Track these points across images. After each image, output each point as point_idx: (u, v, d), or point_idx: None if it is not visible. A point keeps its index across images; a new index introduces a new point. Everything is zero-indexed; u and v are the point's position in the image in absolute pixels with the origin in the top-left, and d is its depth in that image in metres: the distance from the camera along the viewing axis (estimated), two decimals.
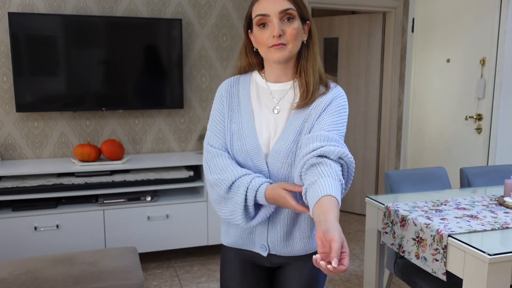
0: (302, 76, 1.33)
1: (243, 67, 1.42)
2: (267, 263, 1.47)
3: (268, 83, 1.38)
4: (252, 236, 1.42)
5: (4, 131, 3.32)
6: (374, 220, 2.31)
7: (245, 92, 1.39)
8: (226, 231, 1.49)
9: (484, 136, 3.41)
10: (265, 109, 1.36)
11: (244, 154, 1.34)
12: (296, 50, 1.31)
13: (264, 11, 1.26)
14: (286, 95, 1.35)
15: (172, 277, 3.16)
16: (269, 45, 1.28)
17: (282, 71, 1.35)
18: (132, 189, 3.15)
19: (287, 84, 1.36)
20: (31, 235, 2.96)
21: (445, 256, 1.82)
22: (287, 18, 1.27)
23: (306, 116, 1.32)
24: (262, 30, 1.28)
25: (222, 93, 1.40)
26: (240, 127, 1.35)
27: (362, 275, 3.20)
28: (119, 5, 3.45)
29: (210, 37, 3.71)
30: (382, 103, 4.39)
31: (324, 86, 1.35)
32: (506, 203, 2.18)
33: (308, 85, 1.31)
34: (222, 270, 1.52)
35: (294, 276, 1.45)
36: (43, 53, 3.19)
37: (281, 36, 1.26)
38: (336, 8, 4.04)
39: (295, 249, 1.42)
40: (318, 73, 1.33)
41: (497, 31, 3.25)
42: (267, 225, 1.39)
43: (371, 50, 4.37)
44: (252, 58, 1.40)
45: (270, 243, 1.40)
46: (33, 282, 2.06)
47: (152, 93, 3.48)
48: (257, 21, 1.28)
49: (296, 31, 1.27)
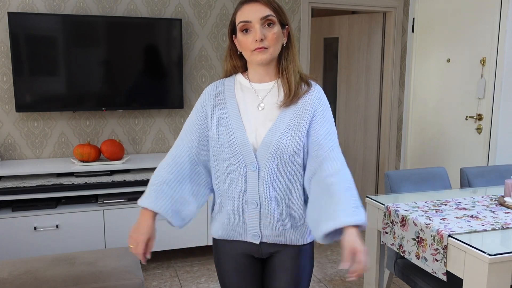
0: (284, 76, 1.45)
1: (229, 70, 1.54)
2: (257, 254, 1.53)
3: (252, 83, 1.49)
4: (244, 227, 1.48)
5: (4, 131, 3.32)
6: (374, 220, 2.31)
7: (231, 92, 1.49)
8: (217, 224, 1.54)
9: (484, 136, 3.41)
10: (250, 106, 1.46)
11: (234, 148, 1.42)
12: (277, 53, 1.43)
13: (247, 18, 1.38)
14: (270, 93, 1.47)
15: (172, 277, 3.16)
16: (252, 49, 1.39)
17: (265, 72, 1.46)
18: (132, 189, 3.14)
19: (270, 83, 1.47)
20: (31, 235, 2.96)
21: (445, 256, 1.82)
22: (268, 24, 1.39)
23: (296, 112, 1.43)
24: (246, 35, 1.40)
25: (206, 96, 1.51)
26: (228, 122, 1.44)
27: (362, 275, 3.20)
28: (119, 5, 3.45)
29: (210, 37, 3.71)
30: (382, 103, 4.38)
31: (306, 84, 1.48)
32: (506, 203, 2.18)
33: (290, 83, 1.43)
34: (217, 265, 1.59)
35: (283, 263, 1.52)
36: (43, 53, 3.19)
37: (262, 40, 1.38)
38: (336, 8, 4.04)
39: (286, 236, 1.49)
40: (298, 72, 1.46)
41: (497, 31, 3.25)
42: (258, 212, 1.45)
43: (371, 50, 4.37)
44: (236, 60, 1.51)
45: (263, 230, 1.47)
46: (33, 282, 2.06)
47: (152, 93, 3.48)
48: (241, 27, 1.40)
49: (276, 35, 1.39)
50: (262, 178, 1.42)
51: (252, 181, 1.43)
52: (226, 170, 1.46)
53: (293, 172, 1.43)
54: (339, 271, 3.27)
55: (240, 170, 1.43)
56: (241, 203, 1.46)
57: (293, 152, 1.41)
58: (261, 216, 1.45)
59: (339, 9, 4.08)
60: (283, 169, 1.42)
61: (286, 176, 1.43)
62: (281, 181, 1.43)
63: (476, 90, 3.43)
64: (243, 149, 1.42)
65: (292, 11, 3.89)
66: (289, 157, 1.41)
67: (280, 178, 1.43)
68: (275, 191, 1.44)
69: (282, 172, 1.42)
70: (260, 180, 1.42)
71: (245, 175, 1.43)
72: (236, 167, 1.44)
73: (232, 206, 1.47)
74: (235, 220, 1.48)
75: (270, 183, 1.42)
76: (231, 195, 1.47)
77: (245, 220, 1.47)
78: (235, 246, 1.53)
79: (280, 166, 1.41)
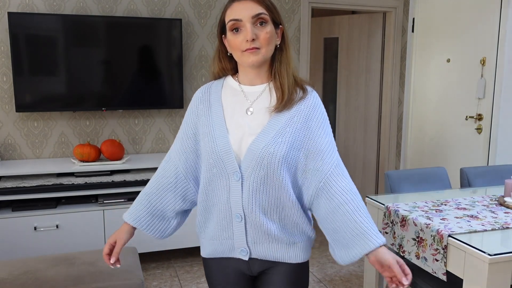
0: (276, 79, 1.34)
1: (217, 72, 1.43)
2: (248, 271, 1.43)
3: (241, 85, 1.39)
4: (231, 242, 1.39)
5: (4, 131, 3.32)
6: (374, 220, 2.31)
7: (217, 96, 1.39)
8: (204, 242, 1.47)
9: (484, 136, 3.41)
10: (238, 111, 1.36)
11: (215, 155, 1.32)
12: (269, 54, 1.32)
13: (237, 16, 1.28)
14: (260, 97, 1.36)
15: (172, 277, 3.16)
16: (242, 49, 1.29)
17: (256, 75, 1.36)
18: (132, 189, 3.14)
19: (261, 86, 1.37)
20: (31, 235, 2.96)
21: (445, 256, 1.82)
22: (260, 23, 1.28)
23: (288, 120, 1.32)
24: (236, 35, 1.29)
25: (193, 102, 1.43)
26: (210, 128, 1.35)
27: (362, 275, 3.20)
28: (119, 5, 3.45)
29: (210, 37, 3.70)
30: (382, 103, 4.38)
31: (301, 89, 1.37)
32: (506, 203, 2.18)
33: (283, 87, 1.32)
34: (209, 284, 1.51)
35: (277, 279, 1.41)
36: (43, 53, 3.19)
37: (254, 40, 1.27)
38: (336, 8, 4.04)
39: (280, 253, 1.39)
40: (292, 75, 1.35)
41: (497, 31, 3.25)
42: (244, 226, 1.35)
43: (371, 50, 4.37)
44: (225, 63, 1.41)
45: (251, 245, 1.37)
46: (33, 282, 2.06)
47: (152, 93, 3.48)
48: (230, 26, 1.29)
49: (269, 35, 1.29)
50: (246, 189, 1.31)
51: (235, 193, 1.32)
52: (209, 181, 1.36)
53: (283, 183, 1.31)
54: (339, 271, 3.27)
55: (222, 181, 1.33)
56: (226, 216, 1.36)
57: (282, 161, 1.29)
58: (247, 230, 1.35)
59: (339, 9, 4.08)
60: (270, 179, 1.30)
61: (274, 187, 1.31)
62: (268, 192, 1.31)
63: (476, 90, 3.44)
64: (225, 157, 1.31)
65: (292, 11, 3.89)
66: (277, 166, 1.29)
67: (267, 189, 1.31)
68: (262, 203, 1.32)
69: (269, 183, 1.30)
70: (244, 191, 1.31)
71: (228, 185, 1.32)
72: (218, 177, 1.33)
73: (217, 219, 1.38)
74: (222, 234, 1.39)
75: (255, 194, 1.31)
76: (215, 207, 1.37)
77: (231, 234, 1.37)
78: (224, 264, 1.44)
79: (267, 175, 1.29)
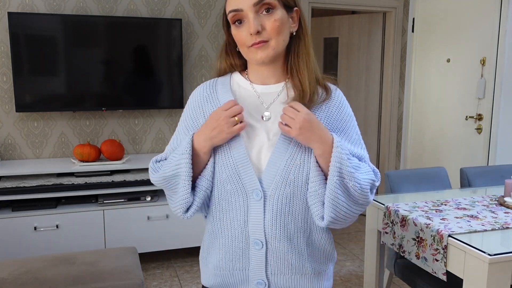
0: (294, 76, 1.10)
1: (223, 69, 1.20)
2: None
3: (253, 84, 1.15)
4: (245, 273, 1.13)
5: (4, 131, 3.32)
6: (374, 220, 2.31)
7: (226, 96, 1.14)
8: (207, 269, 1.19)
9: (484, 136, 3.41)
10: (252, 116, 1.12)
11: (230, 168, 1.08)
12: (282, 46, 1.08)
13: (236, 6, 1.05)
14: (278, 99, 1.12)
15: (172, 277, 3.16)
16: (248, 45, 1.06)
17: (269, 73, 1.13)
18: (132, 189, 3.14)
19: (277, 86, 1.14)
20: (31, 235, 2.96)
21: (445, 256, 1.82)
22: (266, 10, 1.04)
23: None
24: (239, 28, 1.07)
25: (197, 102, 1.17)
26: None
27: (362, 275, 3.20)
28: (119, 5, 3.45)
29: (210, 37, 3.71)
30: (382, 103, 4.38)
31: (324, 88, 1.14)
32: (506, 203, 2.18)
33: (304, 85, 1.08)
34: None
35: None
36: (43, 53, 3.19)
37: (259, 32, 1.04)
38: (336, 8, 4.04)
39: (303, 283, 1.14)
40: (313, 71, 1.11)
41: (497, 31, 3.25)
42: (264, 254, 1.10)
43: (371, 50, 4.37)
44: (235, 58, 1.18)
45: (270, 276, 1.12)
46: (33, 282, 2.06)
47: (152, 93, 3.48)
48: (231, 18, 1.07)
49: (279, 22, 1.04)
50: (269, 210, 1.07)
51: (255, 214, 1.08)
52: (218, 200, 1.11)
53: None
54: (339, 271, 3.27)
55: (239, 200, 1.09)
56: (241, 243, 1.11)
57: (309, 174, 1.07)
58: (268, 259, 1.10)
59: (339, 9, 4.08)
60: (297, 197, 1.07)
61: (301, 207, 1.08)
62: (294, 214, 1.08)
63: (476, 90, 3.44)
64: (243, 171, 1.07)
65: None
66: (305, 180, 1.07)
67: (293, 210, 1.08)
68: (288, 227, 1.08)
69: (296, 202, 1.08)
70: (267, 212, 1.07)
71: (246, 205, 1.09)
72: (233, 196, 1.09)
73: (227, 246, 1.12)
74: (233, 264, 1.13)
75: (280, 216, 1.07)
76: (226, 232, 1.12)
77: (247, 264, 1.12)
78: None
79: (294, 193, 1.07)
